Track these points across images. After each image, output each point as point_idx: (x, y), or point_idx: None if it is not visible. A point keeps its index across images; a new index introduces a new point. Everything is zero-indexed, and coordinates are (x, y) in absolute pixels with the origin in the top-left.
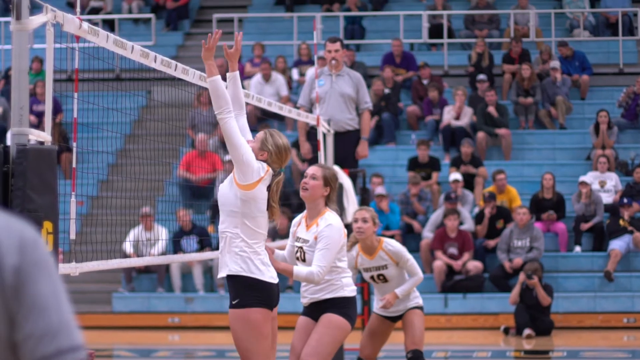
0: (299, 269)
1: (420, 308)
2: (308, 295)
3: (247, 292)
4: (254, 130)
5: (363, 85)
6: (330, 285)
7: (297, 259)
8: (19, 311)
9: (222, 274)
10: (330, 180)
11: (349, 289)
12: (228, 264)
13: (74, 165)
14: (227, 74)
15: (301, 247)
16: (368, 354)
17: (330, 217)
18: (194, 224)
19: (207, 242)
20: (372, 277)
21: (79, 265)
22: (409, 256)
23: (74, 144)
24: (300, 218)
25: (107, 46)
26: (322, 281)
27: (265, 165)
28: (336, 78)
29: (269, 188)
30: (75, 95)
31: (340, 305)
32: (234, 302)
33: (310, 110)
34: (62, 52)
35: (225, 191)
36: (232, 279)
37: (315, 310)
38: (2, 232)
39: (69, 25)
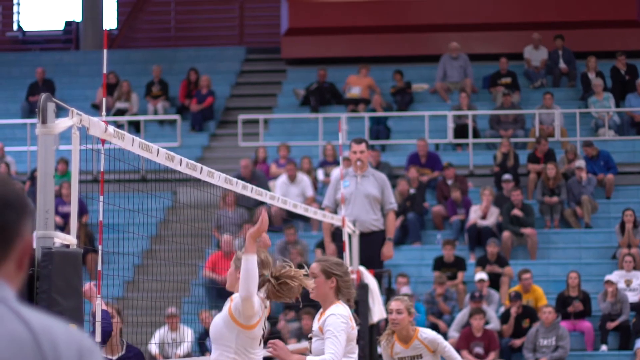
0: (312, 359)
1: None
2: None
3: None
4: (279, 230)
5: (388, 186)
6: None
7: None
8: None
9: None
10: (331, 271)
11: None
12: None
13: (99, 267)
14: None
15: (310, 338)
16: None
17: (334, 308)
18: None
19: None
20: None
21: None
22: (445, 343)
23: (100, 246)
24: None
25: (133, 149)
26: None
27: (263, 302)
28: (361, 179)
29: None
30: (101, 198)
31: None
32: None
33: (335, 211)
34: (87, 153)
35: (219, 326)
36: None
37: None
38: (63, 342)
39: (95, 128)
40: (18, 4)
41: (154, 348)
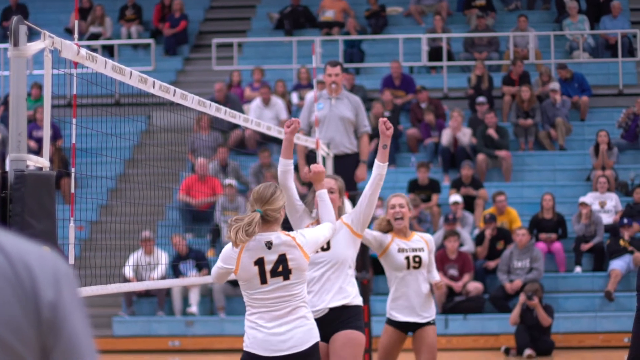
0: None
1: (434, 323)
2: (321, 304)
3: None
4: (253, 154)
5: (362, 109)
6: (345, 290)
7: None
8: (55, 346)
9: None
10: (343, 190)
11: (360, 299)
12: None
13: (72, 190)
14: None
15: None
16: None
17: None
18: (191, 248)
19: (204, 265)
20: (407, 259)
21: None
22: (433, 247)
23: (73, 170)
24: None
25: (106, 72)
26: (329, 280)
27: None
28: (335, 102)
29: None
30: (74, 120)
31: (354, 318)
32: None
33: (309, 134)
34: (60, 78)
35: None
36: None
37: (327, 323)
38: (37, 265)
39: (67, 51)
40: None
41: (128, 271)
